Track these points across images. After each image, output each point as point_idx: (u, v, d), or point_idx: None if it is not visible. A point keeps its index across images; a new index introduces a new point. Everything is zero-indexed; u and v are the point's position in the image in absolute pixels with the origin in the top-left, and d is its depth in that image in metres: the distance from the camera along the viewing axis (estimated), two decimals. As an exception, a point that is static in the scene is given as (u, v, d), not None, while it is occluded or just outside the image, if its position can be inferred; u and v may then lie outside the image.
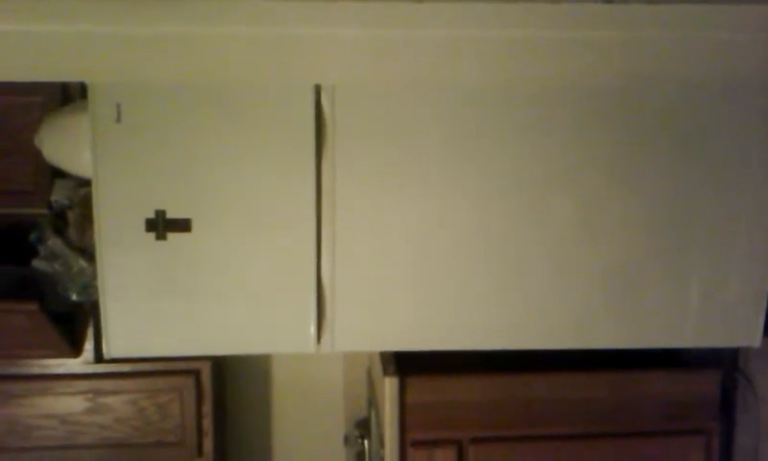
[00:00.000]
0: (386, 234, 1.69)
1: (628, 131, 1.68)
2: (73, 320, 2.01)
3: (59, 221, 1.83)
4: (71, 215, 1.82)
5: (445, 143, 1.66)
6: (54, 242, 1.81)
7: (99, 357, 2.02)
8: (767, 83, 1.66)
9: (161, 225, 1.64)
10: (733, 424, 2.03)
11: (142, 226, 1.64)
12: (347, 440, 2.34)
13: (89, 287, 1.81)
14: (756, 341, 1.78)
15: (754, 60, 1.60)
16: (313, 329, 1.71)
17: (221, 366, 2.27)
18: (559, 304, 1.74)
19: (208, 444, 2.13)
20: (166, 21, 1.42)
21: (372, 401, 2.13)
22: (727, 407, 1.99)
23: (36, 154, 1.78)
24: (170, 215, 1.64)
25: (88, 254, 1.77)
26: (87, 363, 2.06)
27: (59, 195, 1.84)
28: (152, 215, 1.64)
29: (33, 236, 1.83)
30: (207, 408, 2.12)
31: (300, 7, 1.40)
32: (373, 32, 1.45)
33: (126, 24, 1.42)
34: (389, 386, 1.80)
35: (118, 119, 1.60)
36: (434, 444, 1.84)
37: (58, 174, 1.85)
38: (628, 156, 1.69)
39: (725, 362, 2.00)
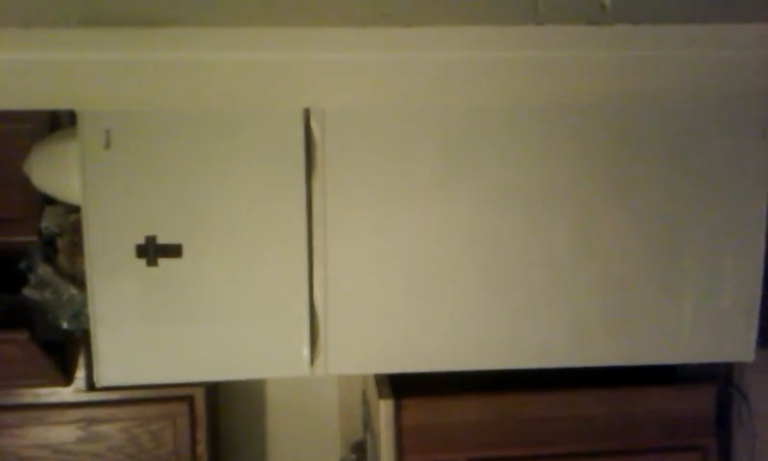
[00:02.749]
0: (378, 256, 1.69)
1: (622, 147, 1.69)
2: (64, 348, 1.99)
3: (48, 248, 1.83)
4: (61, 242, 1.81)
5: (436, 164, 1.67)
6: (44, 270, 1.80)
7: (91, 385, 2.01)
8: (757, 98, 1.68)
9: (152, 251, 1.64)
10: (730, 440, 2.02)
11: (133, 252, 1.64)
12: (342, 463, 2.32)
13: (80, 315, 1.80)
14: (749, 355, 1.78)
15: (744, 77, 1.62)
16: (306, 353, 1.70)
17: (215, 391, 2.26)
18: (555, 323, 1.73)
19: (203, 470, 2.10)
20: (155, 48, 1.42)
21: (368, 424, 2.12)
22: (723, 423, 1.99)
23: (26, 181, 1.78)
24: (161, 241, 1.64)
25: (79, 281, 1.76)
26: (79, 391, 2.04)
27: (48, 222, 1.83)
28: (142, 241, 1.63)
29: (23, 264, 1.82)
30: (201, 434, 2.10)
31: (289, 32, 1.41)
32: (362, 56, 1.46)
33: (114, 51, 1.42)
34: (384, 409, 1.79)
35: (107, 146, 1.60)
36: (431, 466, 1.83)
37: (47, 201, 1.84)
38: (622, 172, 1.70)
39: (719, 377, 2.00)
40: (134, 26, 1.39)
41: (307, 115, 1.63)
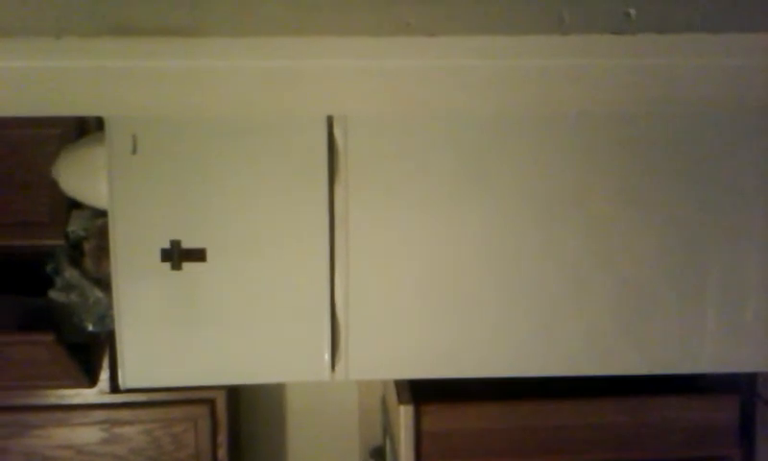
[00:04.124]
0: (400, 262, 1.70)
1: (638, 155, 1.69)
2: (89, 350, 2.02)
3: (75, 252, 1.85)
4: (87, 246, 1.83)
5: (458, 171, 1.67)
6: (70, 273, 1.82)
7: (114, 387, 2.03)
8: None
9: (177, 255, 1.66)
10: (754, 451, 2.00)
11: (158, 256, 1.66)
12: (361, 468, 2.32)
13: (105, 318, 1.82)
14: (774, 366, 1.77)
15: (758, 86, 1.60)
16: (327, 358, 1.71)
17: (236, 395, 2.27)
18: (573, 331, 1.73)
19: (223, 473, 2.12)
20: (181, 57, 1.43)
21: (388, 430, 2.12)
22: (746, 433, 1.96)
23: (53, 185, 1.81)
24: (185, 245, 1.66)
25: (104, 284, 1.78)
26: (103, 393, 2.06)
27: (75, 226, 1.86)
28: (167, 245, 1.66)
29: (49, 267, 1.85)
30: (222, 438, 2.11)
31: (313, 41, 1.42)
32: (385, 64, 1.47)
33: (142, 60, 1.44)
34: (404, 414, 1.79)
35: (134, 151, 1.63)
36: (450, 472, 1.83)
37: (74, 205, 1.87)
38: (639, 180, 1.70)
39: (743, 387, 1.98)
40: (161, 36, 1.41)
41: (330, 122, 1.65)
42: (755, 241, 1.72)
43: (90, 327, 1.85)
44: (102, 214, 1.77)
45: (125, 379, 1.71)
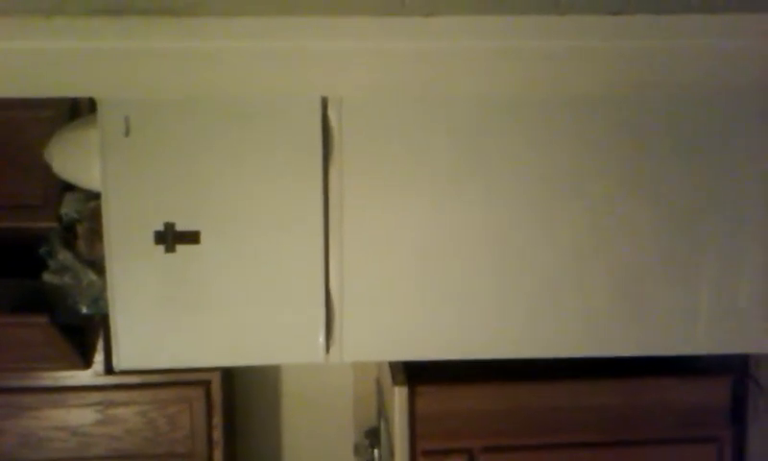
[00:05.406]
0: (394, 244, 1.69)
1: (634, 138, 1.69)
2: (83, 332, 2.02)
3: (68, 234, 1.85)
4: (81, 228, 1.83)
5: (453, 153, 1.67)
6: (64, 255, 1.82)
7: (109, 369, 2.03)
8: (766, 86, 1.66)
9: (170, 237, 1.65)
10: (745, 432, 2.01)
11: (151, 238, 1.65)
12: (356, 450, 2.33)
13: (99, 300, 1.82)
14: (766, 347, 1.77)
15: (753, 66, 1.60)
16: (322, 340, 1.71)
17: (231, 377, 2.28)
18: (568, 312, 1.73)
19: (218, 455, 2.12)
20: (173, 37, 1.43)
21: (382, 411, 2.13)
22: (738, 414, 1.98)
23: (46, 168, 1.80)
24: (179, 227, 1.65)
25: (98, 266, 1.78)
26: (98, 375, 2.07)
27: (68, 208, 1.85)
28: (161, 228, 1.65)
29: (43, 250, 1.84)
30: (217, 419, 2.12)
31: (308, 21, 1.41)
32: (380, 45, 1.46)
33: (134, 40, 1.43)
34: (398, 395, 1.80)
35: (127, 133, 1.62)
36: (445, 453, 1.84)
37: (67, 188, 1.86)
38: (634, 163, 1.69)
39: (736, 369, 1.99)
40: (154, 15, 1.40)
41: (325, 104, 1.64)
42: (750, 224, 1.73)
43: (84, 310, 1.85)
44: (95, 197, 1.76)
45: (119, 361, 1.71)
